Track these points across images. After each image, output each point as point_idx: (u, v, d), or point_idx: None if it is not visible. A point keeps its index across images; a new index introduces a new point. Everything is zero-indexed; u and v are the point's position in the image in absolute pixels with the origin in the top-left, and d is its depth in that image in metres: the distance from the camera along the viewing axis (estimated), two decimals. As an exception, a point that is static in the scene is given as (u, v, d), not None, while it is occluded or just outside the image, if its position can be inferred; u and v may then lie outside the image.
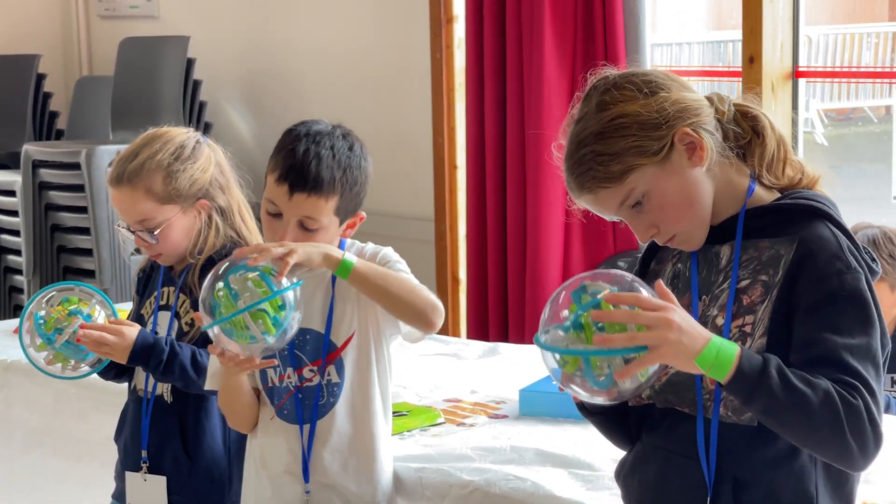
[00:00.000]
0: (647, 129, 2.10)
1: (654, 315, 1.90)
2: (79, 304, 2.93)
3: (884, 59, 9.81)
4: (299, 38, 6.19)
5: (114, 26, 7.07)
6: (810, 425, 1.95)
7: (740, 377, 1.93)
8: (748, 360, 1.93)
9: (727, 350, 1.93)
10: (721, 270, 2.16)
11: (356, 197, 2.67)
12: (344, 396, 2.69)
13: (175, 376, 2.87)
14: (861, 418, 1.95)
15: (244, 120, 6.49)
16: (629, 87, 2.14)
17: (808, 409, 1.93)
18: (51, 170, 6.16)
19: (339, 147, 2.63)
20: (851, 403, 1.95)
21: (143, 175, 2.90)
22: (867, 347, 2.01)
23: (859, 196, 7.56)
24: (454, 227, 5.57)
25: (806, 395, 1.93)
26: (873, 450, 1.99)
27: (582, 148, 2.14)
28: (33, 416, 3.93)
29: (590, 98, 2.18)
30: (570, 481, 2.79)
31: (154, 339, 2.86)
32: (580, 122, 2.17)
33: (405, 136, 5.71)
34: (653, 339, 1.90)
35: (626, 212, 2.14)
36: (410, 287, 2.59)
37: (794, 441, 2.02)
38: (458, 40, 5.46)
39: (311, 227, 2.62)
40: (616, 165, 2.10)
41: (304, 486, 2.69)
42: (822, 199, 2.15)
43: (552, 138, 5.12)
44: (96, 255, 5.97)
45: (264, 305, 2.43)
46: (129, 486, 3.01)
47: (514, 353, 3.97)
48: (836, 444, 1.96)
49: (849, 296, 2.04)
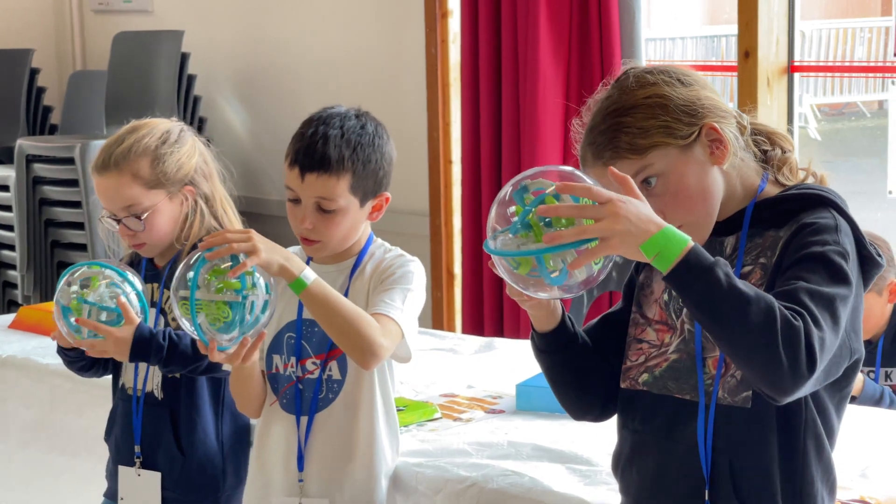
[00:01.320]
0: (679, 114, 2.12)
1: (600, 207, 1.90)
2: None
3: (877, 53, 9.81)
4: (294, 33, 6.18)
5: (107, 21, 7.05)
6: (745, 332, 1.90)
7: (684, 266, 1.91)
8: (697, 254, 1.92)
9: (676, 242, 1.92)
10: (726, 259, 2.17)
11: (372, 175, 2.65)
12: (343, 394, 2.69)
13: (178, 364, 2.86)
14: (797, 336, 1.90)
15: (238, 115, 6.48)
16: (666, 74, 2.17)
17: (744, 309, 1.90)
18: (45, 164, 6.15)
19: (349, 126, 2.64)
20: (791, 323, 1.91)
21: (131, 159, 2.89)
22: (830, 297, 1.98)
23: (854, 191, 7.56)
24: (449, 222, 5.56)
25: (747, 296, 1.90)
26: (805, 370, 1.91)
27: (609, 119, 2.14)
28: (29, 411, 3.92)
29: (625, 78, 2.18)
30: (567, 476, 2.79)
31: (150, 334, 2.84)
32: (610, 98, 2.17)
33: (400, 131, 5.67)
34: (601, 230, 1.90)
35: (640, 189, 2.12)
36: (357, 324, 2.52)
37: (724, 346, 1.97)
38: (453, 35, 5.46)
39: (329, 209, 2.62)
40: (641, 140, 2.11)
41: (299, 475, 2.70)
42: (828, 191, 2.16)
43: (547, 133, 5.15)
44: (90, 249, 5.96)
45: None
46: (122, 481, 3.00)
47: (510, 348, 3.97)
48: (765, 353, 1.90)
49: (826, 260, 2.02)
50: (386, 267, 2.68)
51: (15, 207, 6.27)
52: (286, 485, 2.71)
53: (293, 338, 2.70)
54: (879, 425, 3.09)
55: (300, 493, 2.70)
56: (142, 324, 2.85)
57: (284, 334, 2.72)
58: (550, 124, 4.98)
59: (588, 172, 2.14)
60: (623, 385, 2.24)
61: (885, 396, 3.53)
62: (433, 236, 5.59)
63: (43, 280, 6.26)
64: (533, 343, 2.26)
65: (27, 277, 6.27)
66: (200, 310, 2.42)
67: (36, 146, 6.19)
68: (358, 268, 2.72)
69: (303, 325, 2.70)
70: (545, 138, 4.98)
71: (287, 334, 2.72)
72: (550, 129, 4.98)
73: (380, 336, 2.55)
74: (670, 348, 2.20)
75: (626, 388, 2.24)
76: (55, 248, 6.25)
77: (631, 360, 2.24)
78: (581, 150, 2.19)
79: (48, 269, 6.25)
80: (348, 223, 2.65)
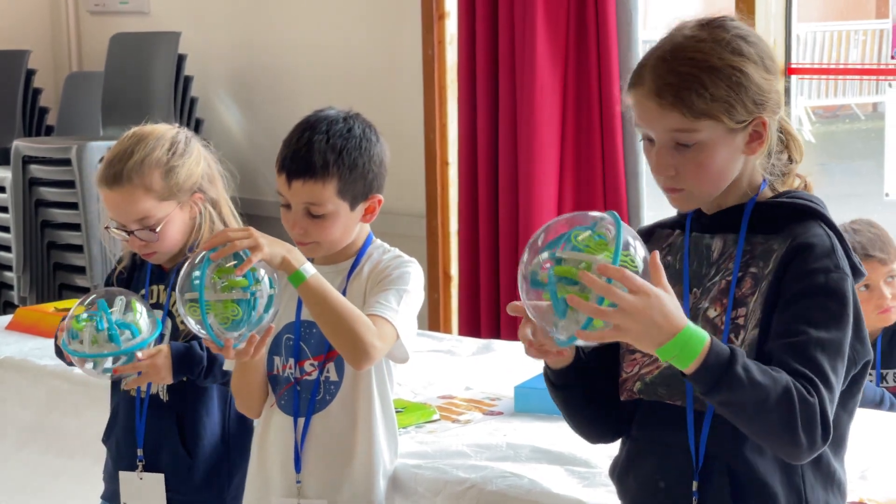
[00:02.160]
0: (748, 99, 2.11)
1: (629, 299, 1.89)
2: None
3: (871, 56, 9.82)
4: (291, 34, 6.17)
5: (104, 22, 7.04)
6: (766, 419, 1.98)
7: (704, 370, 1.93)
8: (715, 354, 1.94)
9: (694, 343, 1.93)
10: (713, 264, 2.19)
11: (361, 178, 2.66)
12: (341, 396, 2.68)
13: (216, 376, 2.87)
14: (814, 415, 1.99)
15: (235, 116, 6.48)
16: (759, 49, 2.14)
17: (765, 404, 1.96)
18: (41, 166, 6.15)
19: (335, 131, 2.64)
20: (807, 400, 1.98)
21: (144, 173, 2.89)
22: (837, 343, 2.04)
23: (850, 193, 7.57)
24: (446, 223, 5.56)
25: (766, 389, 1.95)
26: (820, 444, 2.02)
27: (689, 66, 2.10)
28: (26, 412, 3.92)
29: (722, 29, 2.13)
30: (566, 478, 2.79)
31: (185, 348, 2.84)
32: (701, 41, 2.11)
33: (397, 132, 5.69)
34: (618, 320, 1.90)
35: (666, 139, 2.12)
36: (352, 324, 2.53)
37: (747, 432, 2.03)
38: (450, 37, 5.45)
39: (317, 213, 2.63)
40: (703, 104, 2.08)
41: (296, 476, 2.70)
42: (816, 200, 2.19)
43: (544, 135, 5.15)
44: (87, 251, 5.96)
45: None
46: (124, 486, 2.99)
47: (507, 349, 3.97)
48: (786, 438, 1.99)
49: (831, 293, 2.07)
50: (383, 268, 2.69)
51: (11, 209, 6.27)
52: (284, 486, 2.71)
53: (291, 339, 2.70)
54: (879, 427, 3.10)
55: (298, 495, 2.70)
56: (173, 342, 2.85)
57: (283, 336, 2.72)
58: (547, 126, 4.98)
59: (632, 92, 2.13)
60: (623, 397, 2.24)
61: (885, 400, 3.53)
62: (429, 238, 5.58)
63: (39, 281, 6.26)
64: (547, 380, 2.25)
65: (23, 279, 6.27)
66: (209, 310, 2.43)
67: (32, 147, 6.18)
68: (356, 269, 2.72)
69: (301, 327, 2.70)
70: (542, 140, 4.98)
71: (286, 335, 2.72)
72: (547, 131, 4.98)
73: (374, 337, 2.55)
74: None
75: (625, 399, 2.24)
76: (51, 249, 6.25)
77: (626, 371, 2.23)
78: (642, 70, 2.14)
79: (44, 271, 6.25)
80: (339, 227, 2.65)
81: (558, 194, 5.03)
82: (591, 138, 4.96)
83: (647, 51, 2.18)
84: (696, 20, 2.17)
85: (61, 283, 6.22)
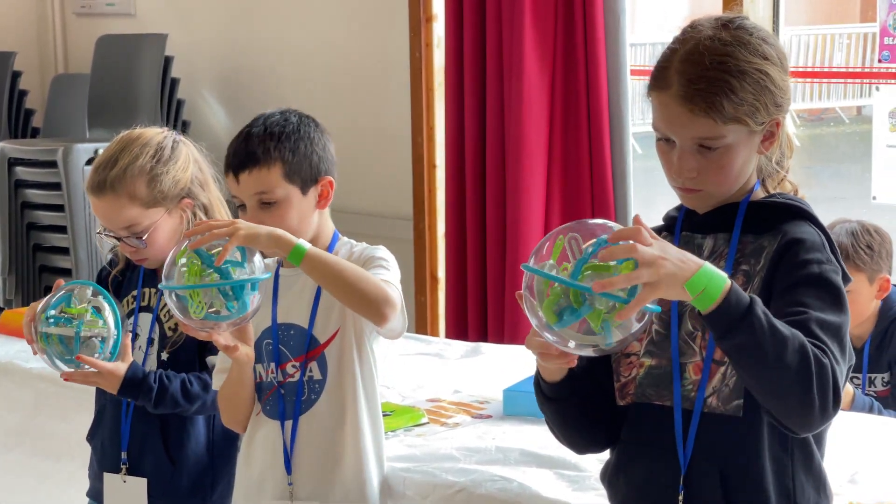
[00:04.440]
0: (769, 101, 2.11)
1: (648, 251, 1.87)
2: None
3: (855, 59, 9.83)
4: (278, 37, 6.17)
5: (90, 24, 7.03)
6: (782, 371, 1.93)
7: (725, 308, 1.91)
8: (736, 294, 1.92)
9: (717, 280, 1.91)
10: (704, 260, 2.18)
11: (306, 160, 2.68)
12: (326, 394, 2.68)
13: (167, 407, 2.85)
14: (829, 376, 1.95)
15: (222, 118, 6.46)
16: (778, 51, 2.13)
17: (782, 350, 1.92)
18: (27, 168, 6.13)
19: (271, 122, 2.71)
20: (822, 361, 1.95)
21: (126, 181, 2.87)
22: (837, 327, 2.02)
23: (837, 196, 7.58)
24: (433, 225, 5.56)
25: (784, 337, 1.92)
26: (831, 411, 1.97)
27: (717, 69, 2.07)
28: (13, 415, 3.91)
29: (743, 31, 2.12)
30: (556, 482, 2.79)
31: (142, 375, 2.83)
32: (728, 45, 2.09)
33: (384, 134, 5.70)
34: (647, 275, 1.87)
35: (689, 144, 2.11)
36: (364, 277, 2.52)
37: (759, 386, 1.98)
38: (438, 39, 5.45)
39: (269, 201, 2.65)
40: (731, 108, 2.07)
41: (287, 479, 2.69)
42: (803, 203, 2.20)
43: (531, 137, 5.14)
44: (73, 253, 5.94)
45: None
46: (108, 488, 2.98)
47: (496, 353, 3.97)
48: (800, 394, 1.94)
49: (825, 283, 2.06)
50: (357, 258, 2.67)
51: (-4, 211, 6.25)
52: (276, 489, 2.71)
53: (271, 343, 2.70)
54: (868, 431, 3.10)
55: (291, 497, 2.69)
56: (135, 363, 2.84)
57: (262, 341, 2.71)
58: (535, 128, 4.98)
59: (656, 94, 2.11)
60: (621, 403, 2.22)
61: (874, 409, 3.53)
62: (417, 240, 5.58)
63: (25, 284, 6.24)
64: (539, 392, 2.23)
65: (9, 281, 6.25)
66: (192, 297, 2.41)
67: (18, 149, 6.17)
68: None
69: (279, 330, 2.70)
70: (530, 142, 4.98)
71: (265, 341, 2.71)
72: (535, 133, 4.98)
73: (388, 288, 2.54)
74: (641, 352, 2.19)
75: (625, 404, 2.22)
76: (37, 251, 6.23)
77: (624, 375, 2.22)
78: (666, 72, 2.11)
79: (30, 273, 6.23)
80: (294, 214, 2.66)
81: (546, 196, 5.02)
82: (579, 140, 4.96)
83: (666, 47, 2.15)
84: (712, 19, 2.15)
85: (47, 285, 6.20)
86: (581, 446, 2.33)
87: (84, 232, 5.88)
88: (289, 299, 2.71)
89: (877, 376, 3.72)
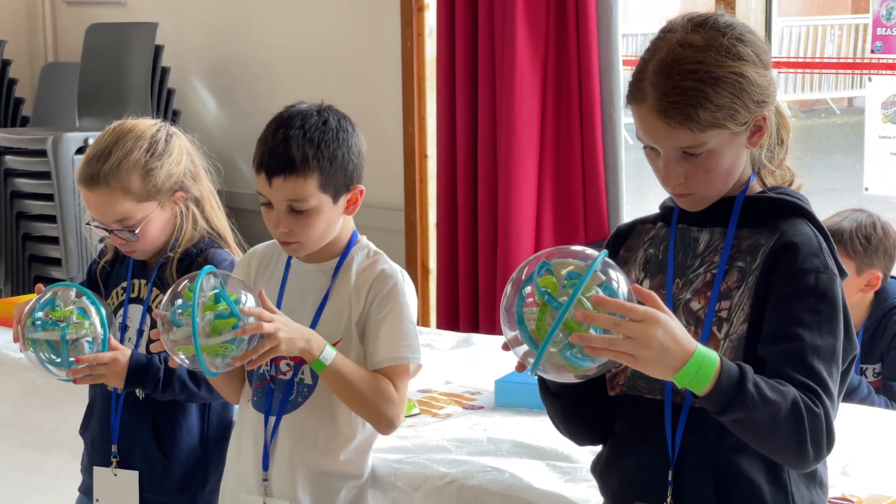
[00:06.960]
0: (749, 101, 2.09)
1: (638, 327, 1.89)
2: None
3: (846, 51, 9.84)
4: (269, 26, 6.15)
5: (80, 12, 7.00)
6: (776, 434, 2.00)
7: (717, 392, 1.95)
8: (726, 373, 1.95)
9: (707, 366, 1.93)
10: (698, 255, 2.18)
11: (341, 170, 2.63)
12: (313, 400, 2.67)
13: (175, 391, 2.83)
14: (821, 425, 2.02)
15: (212, 108, 6.45)
16: (754, 47, 2.11)
17: (776, 419, 1.98)
18: (16, 157, 6.12)
19: (310, 125, 2.61)
20: (814, 412, 2.00)
21: (120, 175, 2.84)
22: (832, 350, 2.06)
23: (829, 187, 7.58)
24: (424, 216, 5.55)
25: (777, 405, 1.97)
26: (825, 453, 2.06)
27: (692, 80, 2.06)
28: (1, 407, 3.89)
29: (717, 33, 2.09)
30: (548, 473, 2.78)
31: (147, 359, 2.80)
32: (700, 51, 2.08)
33: (375, 125, 5.68)
34: (632, 349, 1.89)
35: (673, 153, 2.10)
36: (375, 397, 2.60)
37: (756, 446, 2.05)
38: (430, 29, 5.44)
39: (301, 209, 2.59)
40: (709, 115, 2.05)
41: (263, 475, 2.68)
42: (802, 198, 2.19)
43: (523, 128, 5.12)
44: (62, 243, 5.92)
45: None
46: (98, 481, 2.96)
47: (487, 343, 3.96)
48: (795, 451, 2.02)
49: (822, 294, 2.07)
50: (375, 285, 2.66)
51: (-14, 200, 6.24)
52: (254, 483, 2.70)
53: None
54: (860, 423, 3.10)
55: (264, 493, 2.68)
56: (136, 350, 2.82)
57: None
58: (527, 119, 4.97)
59: (634, 107, 2.10)
60: (611, 393, 2.23)
61: (861, 386, 3.54)
62: (408, 231, 5.57)
63: (14, 273, 6.22)
64: (544, 389, 2.24)
65: (-2, 271, 6.24)
66: (204, 351, 2.43)
67: (7, 138, 6.15)
68: (341, 268, 2.69)
69: None
70: (521, 133, 4.96)
71: None
72: (527, 124, 4.97)
73: (394, 407, 2.61)
74: None
75: (614, 395, 2.23)
76: (27, 240, 6.22)
77: (615, 366, 2.21)
78: (641, 84, 2.10)
79: (19, 262, 6.21)
80: (323, 221, 2.62)
81: (537, 188, 5.02)
82: (571, 131, 4.95)
83: (640, 56, 2.14)
84: (684, 20, 2.13)
85: (37, 274, 6.18)
86: (583, 438, 2.33)
87: (74, 221, 5.86)
88: (294, 296, 2.70)
89: (868, 367, 3.72)
